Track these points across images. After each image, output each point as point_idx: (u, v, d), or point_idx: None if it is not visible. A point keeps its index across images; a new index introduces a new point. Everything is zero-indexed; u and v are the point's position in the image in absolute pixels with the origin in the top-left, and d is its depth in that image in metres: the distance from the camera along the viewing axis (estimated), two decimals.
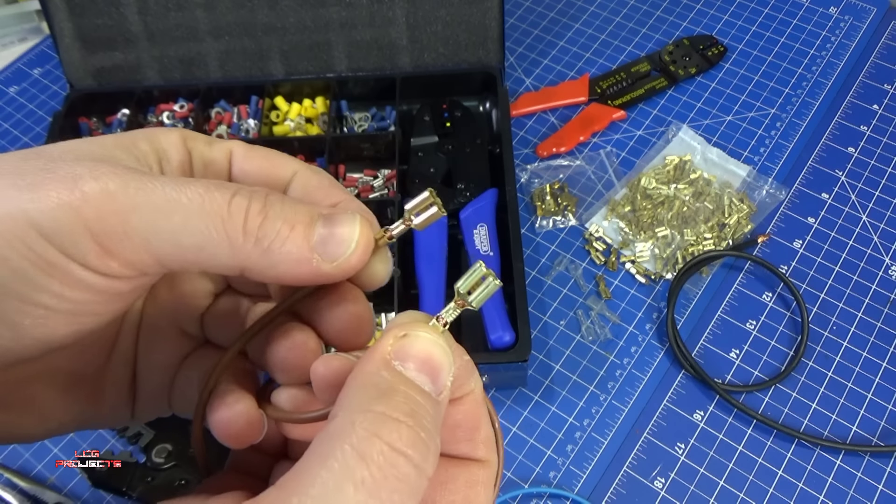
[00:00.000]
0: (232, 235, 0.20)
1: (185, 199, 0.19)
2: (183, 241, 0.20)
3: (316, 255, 0.21)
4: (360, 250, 0.21)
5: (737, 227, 0.67)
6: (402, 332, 0.20)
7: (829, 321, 0.62)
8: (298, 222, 0.21)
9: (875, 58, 0.79)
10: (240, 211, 0.20)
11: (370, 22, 0.70)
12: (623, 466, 0.56)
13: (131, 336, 0.26)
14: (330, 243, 0.21)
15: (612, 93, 0.76)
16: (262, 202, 0.20)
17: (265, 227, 0.20)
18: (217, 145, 0.24)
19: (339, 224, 0.21)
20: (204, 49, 0.71)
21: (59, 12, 0.68)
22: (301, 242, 0.21)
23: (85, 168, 0.19)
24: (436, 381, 0.20)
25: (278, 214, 0.20)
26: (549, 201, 0.69)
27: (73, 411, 0.24)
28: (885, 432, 0.57)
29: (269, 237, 0.20)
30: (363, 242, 0.21)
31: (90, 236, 0.19)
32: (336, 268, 0.21)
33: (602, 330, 0.62)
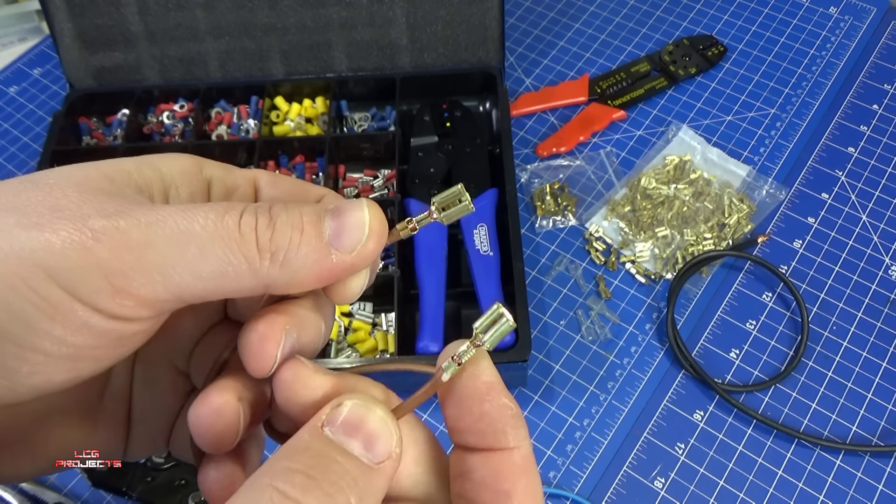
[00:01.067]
0: (249, 257, 0.19)
1: (199, 228, 0.19)
2: (202, 270, 0.19)
3: (333, 249, 0.20)
4: (375, 234, 0.21)
5: (737, 227, 0.67)
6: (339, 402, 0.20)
7: (829, 321, 0.62)
8: (307, 223, 0.20)
9: (875, 58, 0.79)
10: (250, 230, 0.19)
11: (370, 22, 0.70)
12: (623, 466, 0.56)
13: (125, 374, 0.25)
14: (343, 234, 0.20)
15: (612, 93, 0.76)
16: (268, 215, 0.20)
17: (276, 239, 0.20)
18: (239, 172, 0.24)
19: (346, 213, 0.21)
20: (204, 49, 0.71)
21: (59, 12, 0.68)
22: (315, 242, 0.20)
23: (91, 206, 0.19)
24: (371, 448, 0.19)
25: (285, 223, 0.20)
26: (549, 201, 0.69)
27: (64, 450, 0.24)
28: (885, 432, 0.57)
29: (283, 247, 0.20)
30: (377, 225, 0.21)
31: (103, 276, 0.18)
32: (356, 256, 0.21)
33: (602, 330, 0.62)
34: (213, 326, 0.26)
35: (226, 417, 0.21)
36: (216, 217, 0.19)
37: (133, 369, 0.25)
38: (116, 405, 0.25)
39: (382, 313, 0.62)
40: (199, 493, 0.53)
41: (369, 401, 0.20)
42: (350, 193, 0.69)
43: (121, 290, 0.19)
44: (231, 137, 0.71)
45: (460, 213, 0.22)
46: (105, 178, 0.20)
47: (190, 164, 0.23)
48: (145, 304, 0.19)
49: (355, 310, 0.61)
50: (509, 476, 0.20)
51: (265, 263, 0.20)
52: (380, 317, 0.61)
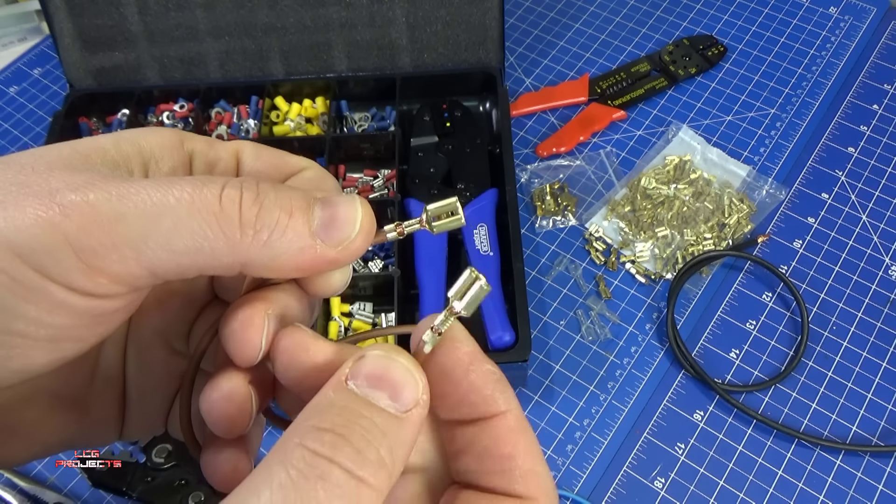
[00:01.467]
0: (228, 232, 0.19)
1: (173, 200, 0.18)
2: (176, 245, 0.18)
3: (318, 240, 0.20)
4: (364, 232, 0.20)
5: (737, 227, 0.67)
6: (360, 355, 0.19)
7: (829, 321, 0.62)
8: (296, 208, 0.20)
9: (875, 58, 0.79)
10: (233, 204, 0.19)
11: (370, 22, 0.70)
12: (623, 466, 0.56)
13: (116, 355, 0.25)
14: (332, 227, 0.20)
15: (612, 93, 0.76)
16: (255, 191, 0.19)
17: (262, 217, 0.19)
18: (221, 145, 0.23)
19: (338, 205, 0.20)
20: (204, 49, 0.71)
21: (59, 12, 0.68)
22: (301, 229, 0.20)
23: (60, 180, 0.18)
24: (397, 398, 0.19)
25: (274, 202, 0.19)
26: (549, 201, 0.69)
27: (57, 433, 0.23)
28: (885, 432, 0.57)
29: (269, 227, 0.19)
30: (367, 224, 0.20)
31: (73, 253, 0.18)
32: (341, 251, 0.20)
33: (602, 330, 0.62)
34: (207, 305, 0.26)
35: (237, 402, 0.21)
36: (193, 190, 0.19)
37: (125, 350, 0.25)
38: (109, 387, 0.24)
39: (382, 313, 0.62)
40: (199, 493, 0.53)
41: (391, 350, 0.19)
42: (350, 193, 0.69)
43: (92, 267, 0.18)
44: (231, 138, 0.71)
45: (451, 226, 0.22)
46: (79, 154, 0.20)
47: (171, 137, 0.22)
48: (119, 280, 0.19)
49: (355, 310, 0.61)
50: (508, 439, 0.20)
51: (246, 240, 0.19)
52: (380, 317, 0.61)
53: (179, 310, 0.25)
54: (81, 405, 0.24)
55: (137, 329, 0.25)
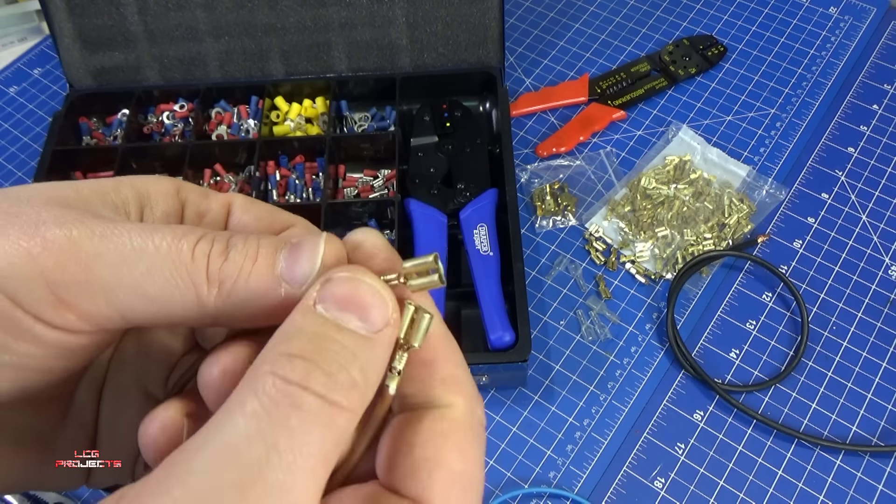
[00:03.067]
0: (197, 284, 0.19)
1: (152, 247, 0.19)
2: (148, 290, 0.19)
3: (283, 283, 0.19)
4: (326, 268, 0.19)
5: (737, 227, 0.67)
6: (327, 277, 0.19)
7: (829, 321, 0.62)
8: (262, 254, 0.19)
9: (875, 58, 0.79)
10: (203, 257, 0.19)
11: (370, 22, 0.70)
12: (623, 466, 0.56)
13: (90, 398, 0.24)
14: (295, 266, 0.19)
15: (612, 93, 0.76)
16: (225, 243, 0.19)
17: (225, 268, 0.19)
18: (214, 196, 0.23)
19: (302, 245, 0.20)
20: (204, 49, 0.71)
21: (59, 12, 0.68)
22: (265, 272, 0.19)
23: (50, 213, 0.18)
24: (366, 318, 0.18)
25: (240, 252, 0.19)
26: (549, 201, 0.69)
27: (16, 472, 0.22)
28: (885, 432, 0.57)
29: (231, 277, 0.19)
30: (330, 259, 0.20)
31: (46, 285, 0.18)
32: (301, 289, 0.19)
33: (602, 330, 0.62)
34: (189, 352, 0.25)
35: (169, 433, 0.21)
36: (172, 239, 0.19)
37: (101, 394, 0.24)
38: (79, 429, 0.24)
39: None
40: None
41: (357, 271, 0.19)
42: (350, 193, 0.69)
43: (63, 302, 0.18)
44: (231, 137, 0.71)
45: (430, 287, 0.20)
46: (79, 195, 0.20)
47: (168, 185, 0.23)
48: (87, 318, 0.19)
49: None
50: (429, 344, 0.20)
51: (212, 292, 0.19)
52: None
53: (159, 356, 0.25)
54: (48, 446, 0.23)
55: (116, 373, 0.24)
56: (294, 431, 0.16)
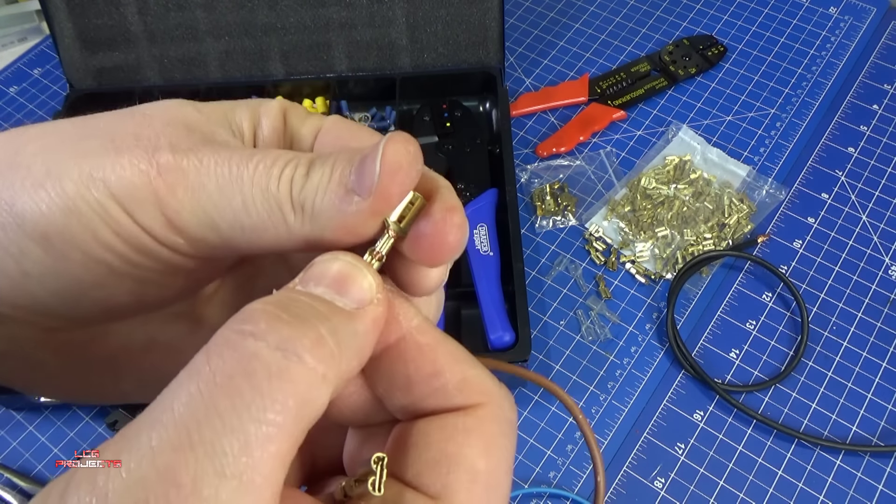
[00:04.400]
0: (284, 211, 0.19)
1: (247, 178, 0.19)
2: (244, 222, 0.19)
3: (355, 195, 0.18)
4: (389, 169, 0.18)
5: (737, 227, 0.67)
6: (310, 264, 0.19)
7: (829, 321, 0.62)
8: (335, 170, 0.19)
9: (875, 58, 0.79)
10: (287, 182, 0.19)
11: (370, 22, 0.70)
12: (623, 466, 0.56)
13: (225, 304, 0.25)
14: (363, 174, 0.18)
15: (612, 93, 0.76)
16: (307, 165, 0.19)
17: (306, 190, 0.19)
18: (310, 120, 0.23)
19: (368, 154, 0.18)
20: (204, 49, 0.71)
21: (59, 12, 0.68)
22: (338, 188, 0.18)
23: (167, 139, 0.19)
24: (344, 293, 0.17)
25: (318, 173, 0.19)
26: (549, 201, 0.69)
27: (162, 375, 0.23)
28: (885, 432, 0.57)
29: (311, 198, 0.19)
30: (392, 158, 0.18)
31: (159, 208, 0.19)
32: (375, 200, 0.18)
33: (602, 330, 0.62)
34: None
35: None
36: (263, 168, 0.19)
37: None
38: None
39: None
40: None
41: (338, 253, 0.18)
42: None
43: (172, 224, 0.19)
44: None
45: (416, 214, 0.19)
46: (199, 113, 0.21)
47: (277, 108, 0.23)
48: (193, 243, 0.20)
49: None
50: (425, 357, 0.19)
51: (298, 218, 0.19)
52: None
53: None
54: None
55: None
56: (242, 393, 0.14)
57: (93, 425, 0.59)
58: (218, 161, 0.19)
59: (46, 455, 0.58)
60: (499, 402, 0.19)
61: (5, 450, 0.58)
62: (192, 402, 0.14)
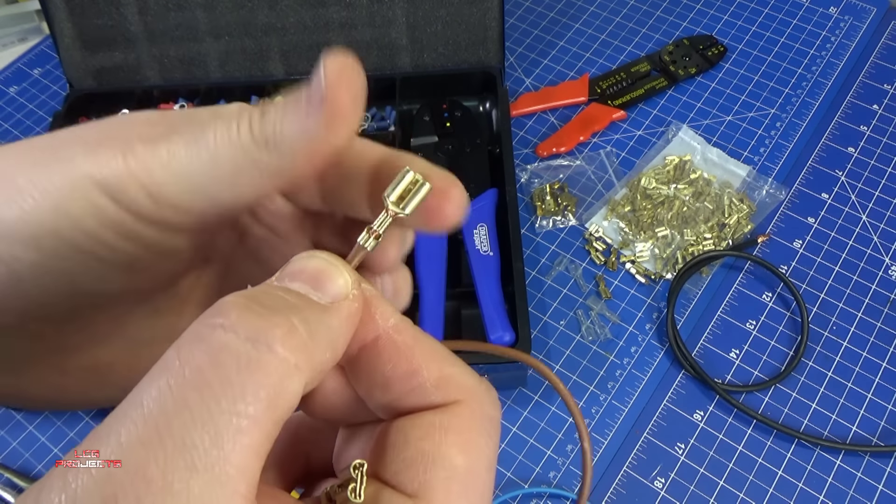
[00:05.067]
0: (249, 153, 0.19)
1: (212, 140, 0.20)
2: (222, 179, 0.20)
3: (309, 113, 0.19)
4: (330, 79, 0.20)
5: (737, 227, 0.67)
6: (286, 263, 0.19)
7: (829, 321, 0.62)
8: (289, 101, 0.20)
9: (875, 58, 0.79)
10: (246, 128, 0.20)
11: (370, 22, 0.70)
12: (623, 466, 0.56)
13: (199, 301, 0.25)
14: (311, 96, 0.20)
15: (612, 93, 0.76)
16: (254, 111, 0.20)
17: (265, 125, 0.20)
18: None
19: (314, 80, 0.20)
20: (204, 49, 0.71)
21: (59, 12, 0.68)
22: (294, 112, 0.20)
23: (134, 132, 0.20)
24: (319, 287, 0.18)
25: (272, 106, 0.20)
26: (549, 201, 0.69)
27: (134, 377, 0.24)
28: (885, 432, 0.57)
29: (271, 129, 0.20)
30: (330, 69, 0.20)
31: (143, 189, 0.19)
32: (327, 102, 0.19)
33: (602, 330, 0.62)
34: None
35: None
36: (224, 127, 0.20)
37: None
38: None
39: None
40: None
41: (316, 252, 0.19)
42: None
43: (159, 202, 0.20)
44: None
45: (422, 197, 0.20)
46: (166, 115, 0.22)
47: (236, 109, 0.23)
48: (180, 211, 0.20)
49: None
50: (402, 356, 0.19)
51: (263, 154, 0.19)
52: None
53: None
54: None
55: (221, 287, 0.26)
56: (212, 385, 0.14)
57: (93, 425, 0.59)
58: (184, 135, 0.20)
59: (46, 455, 0.58)
60: (478, 399, 0.19)
61: (5, 450, 0.58)
62: (161, 397, 0.14)
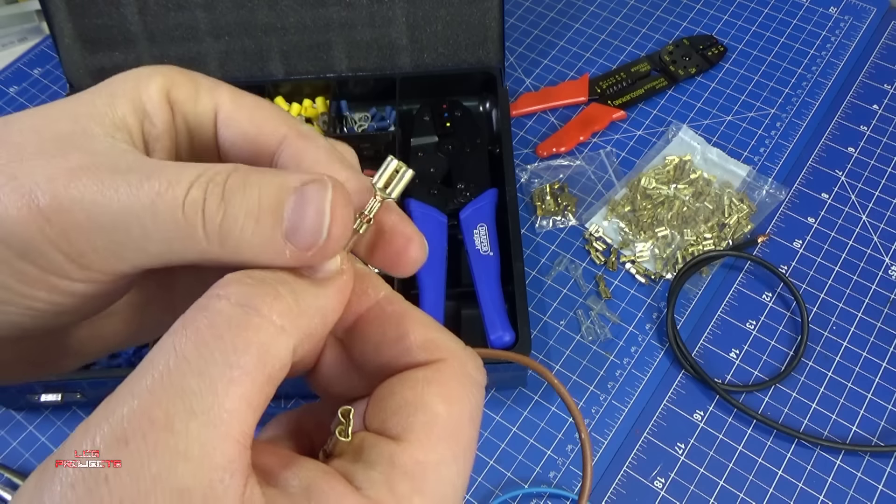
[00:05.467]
0: (194, 237, 0.18)
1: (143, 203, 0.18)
2: (150, 248, 0.18)
3: (289, 245, 0.18)
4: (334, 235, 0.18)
5: (737, 227, 0.67)
6: None
7: (829, 321, 0.62)
8: (264, 210, 0.18)
9: (875, 58, 0.79)
10: (195, 210, 0.18)
11: (370, 22, 0.70)
12: (623, 466, 0.56)
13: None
14: (300, 227, 0.18)
15: (612, 93, 0.76)
16: (220, 194, 0.18)
17: (225, 224, 0.18)
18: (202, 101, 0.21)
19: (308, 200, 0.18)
20: (204, 49, 0.71)
21: (59, 12, 0.68)
22: (268, 233, 0.18)
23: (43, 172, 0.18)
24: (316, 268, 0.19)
25: (240, 205, 0.18)
26: (549, 201, 0.69)
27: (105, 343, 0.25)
28: (885, 432, 0.57)
29: (233, 234, 0.18)
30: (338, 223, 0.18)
31: (58, 251, 0.18)
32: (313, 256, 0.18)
33: (602, 330, 0.62)
34: None
35: None
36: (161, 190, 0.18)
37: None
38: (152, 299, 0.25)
39: None
40: None
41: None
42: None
43: (78, 264, 0.19)
44: None
45: (405, 183, 0.21)
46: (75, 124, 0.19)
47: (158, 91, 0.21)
48: (104, 273, 0.19)
49: None
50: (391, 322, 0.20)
51: (213, 247, 0.18)
52: None
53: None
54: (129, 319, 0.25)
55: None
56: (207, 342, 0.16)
57: None
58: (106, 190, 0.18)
59: (46, 455, 0.58)
60: (461, 359, 0.20)
61: (5, 450, 0.58)
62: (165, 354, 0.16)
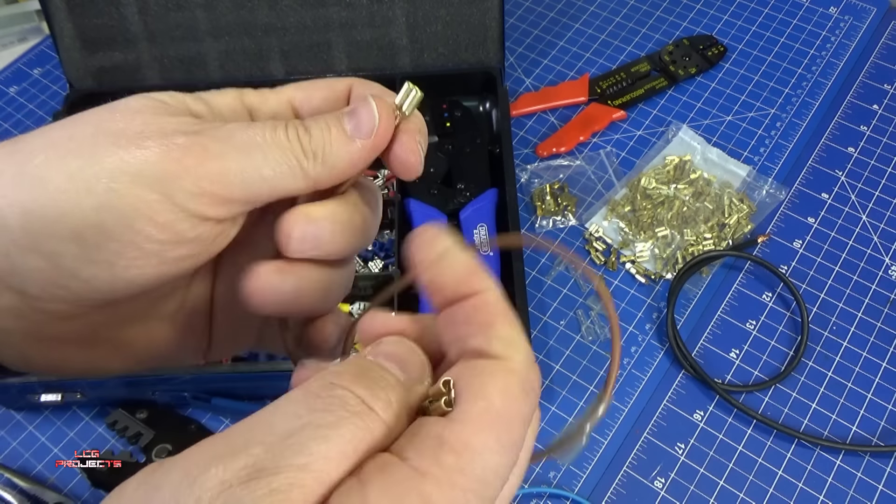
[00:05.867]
0: (299, 158, 0.24)
1: (259, 139, 0.23)
2: (265, 174, 0.23)
3: (356, 139, 0.25)
4: (384, 118, 0.25)
5: (737, 227, 0.67)
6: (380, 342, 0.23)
7: (829, 321, 0.62)
8: (331, 125, 0.25)
9: (875, 58, 0.79)
10: (294, 138, 0.24)
11: (370, 22, 0.70)
12: (623, 466, 0.56)
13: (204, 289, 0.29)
14: (361, 125, 0.25)
15: (612, 93, 0.76)
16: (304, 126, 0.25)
17: (313, 141, 0.24)
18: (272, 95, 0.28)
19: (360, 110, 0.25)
20: (204, 49, 0.71)
21: (59, 12, 0.68)
22: (340, 136, 0.25)
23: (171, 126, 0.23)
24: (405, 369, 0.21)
25: (316, 128, 0.25)
26: (549, 201, 0.69)
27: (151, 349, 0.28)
28: (885, 432, 0.57)
29: (320, 147, 0.24)
30: (384, 112, 0.25)
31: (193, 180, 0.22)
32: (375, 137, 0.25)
33: (602, 330, 0.62)
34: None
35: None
36: (269, 131, 0.24)
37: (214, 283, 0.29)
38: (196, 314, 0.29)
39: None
40: None
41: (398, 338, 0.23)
42: None
43: (206, 192, 0.23)
44: None
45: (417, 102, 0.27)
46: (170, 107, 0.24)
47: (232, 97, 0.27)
48: (225, 202, 0.23)
49: (355, 310, 0.61)
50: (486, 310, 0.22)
51: (311, 163, 0.24)
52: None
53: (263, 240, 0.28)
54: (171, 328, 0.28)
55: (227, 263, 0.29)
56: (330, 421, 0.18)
57: (93, 425, 0.59)
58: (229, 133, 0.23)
59: (46, 455, 0.58)
60: (525, 365, 0.22)
61: (5, 450, 0.58)
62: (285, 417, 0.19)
